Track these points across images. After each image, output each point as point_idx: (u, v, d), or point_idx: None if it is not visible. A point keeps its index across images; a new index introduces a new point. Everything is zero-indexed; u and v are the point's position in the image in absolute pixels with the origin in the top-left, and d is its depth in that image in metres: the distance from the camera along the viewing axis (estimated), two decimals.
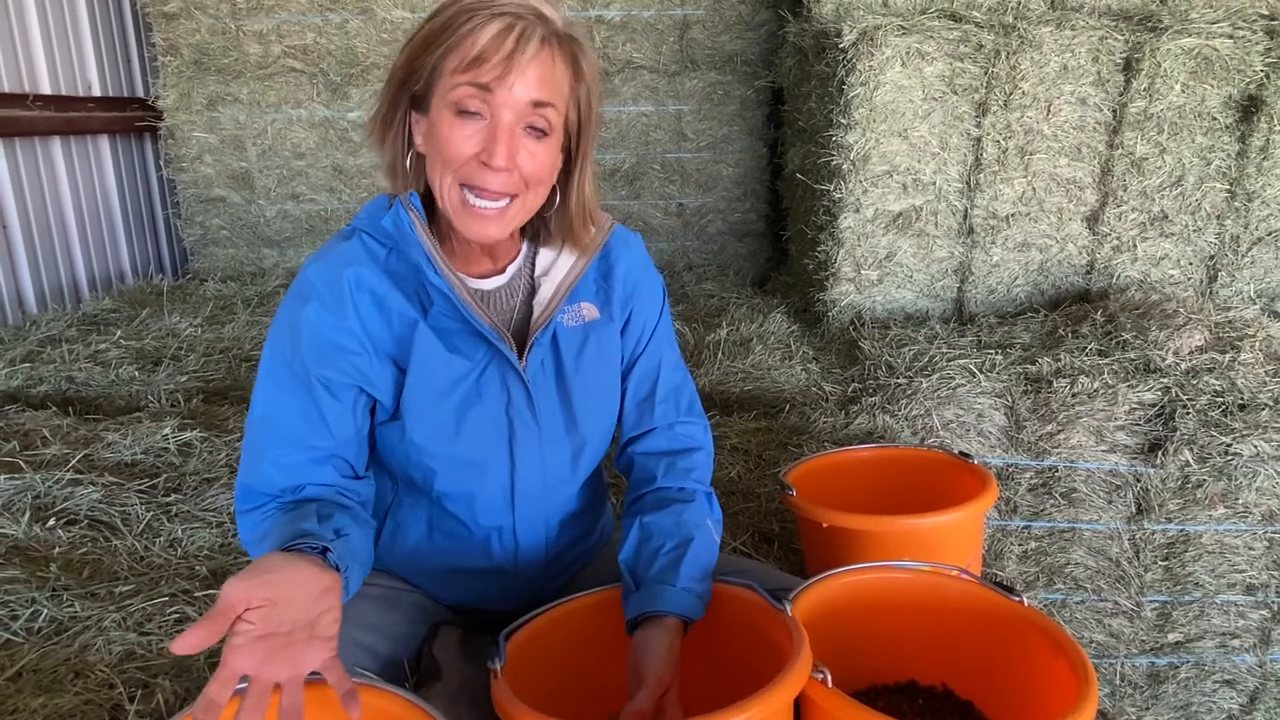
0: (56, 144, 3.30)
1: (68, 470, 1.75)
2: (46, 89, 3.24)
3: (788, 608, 0.96)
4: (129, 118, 3.66)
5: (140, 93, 3.84)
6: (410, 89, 0.96)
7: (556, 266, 1.07)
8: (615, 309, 1.11)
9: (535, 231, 1.09)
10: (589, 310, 1.09)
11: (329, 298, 0.98)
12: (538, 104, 0.92)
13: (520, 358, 1.03)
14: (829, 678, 0.88)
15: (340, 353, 0.98)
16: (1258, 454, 2.03)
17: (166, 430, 1.97)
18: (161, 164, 3.77)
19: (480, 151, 0.92)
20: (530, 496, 1.07)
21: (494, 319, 1.03)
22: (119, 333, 2.78)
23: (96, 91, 3.54)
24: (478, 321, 1.00)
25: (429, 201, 1.03)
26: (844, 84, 2.54)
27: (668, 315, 1.18)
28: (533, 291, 1.07)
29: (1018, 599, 1.02)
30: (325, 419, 0.97)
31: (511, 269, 1.07)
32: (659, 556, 1.02)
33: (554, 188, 1.02)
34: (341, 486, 0.99)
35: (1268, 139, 2.53)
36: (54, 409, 2.14)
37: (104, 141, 3.59)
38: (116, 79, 3.69)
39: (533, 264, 1.09)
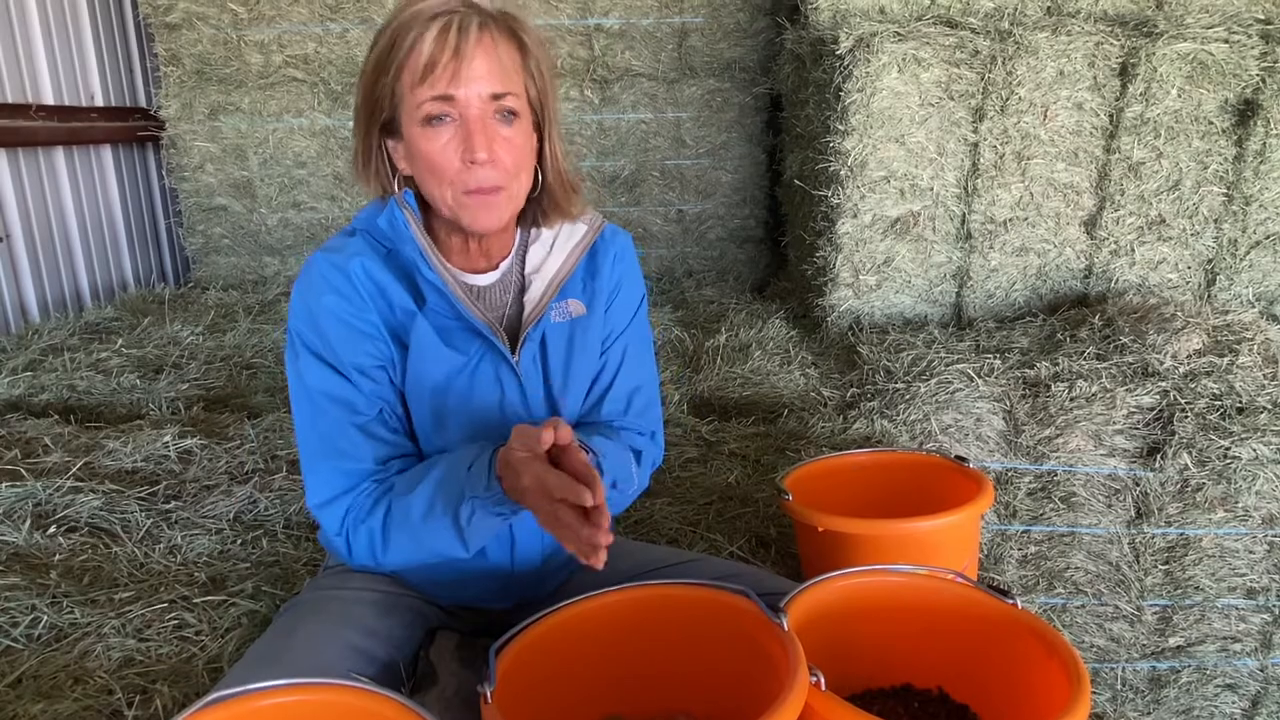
0: (59, 154, 3.32)
1: (68, 478, 1.76)
2: (49, 99, 3.26)
3: (784, 621, 0.95)
4: (131, 127, 3.68)
5: (142, 102, 3.86)
6: (379, 120, 1.00)
7: (547, 264, 1.10)
8: (598, 305, 1.13)
9: (528, 224, 1.12)
10: (576, 306, 1.12)
11: (344, 288, 1.01)
12: (496, 95, 0.96)
13: (513, 353, 1.05)
14: (823, 681, 0.88)
15: (363, 338, 1.02)
16: (1256, 457, 2.03)
17: (167, 438, 1.97)
18: (164, 173, 3.78)
19: (463, 152, 0.95)
20: None
21: (487, 314, 1.05)
22: (120, 341, 2.79)
23: (99, 101, 3.56)
24: (472, 317, 1.02)
25: (422, 202, 1.05)
26: (841, 90, 2.55)
27: (642, 319, 1.20)
28: (523, 288, 1.09)
29: (1011, 601, 1.02)
30: (373, 400, 1.03)
31: (504, 265, 1.10)
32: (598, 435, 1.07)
33: (536, 170, 1.05)
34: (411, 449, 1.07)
35: (1264, 143, 2.54)
36: (56, 417, 2.15)
37: (106, 151, 3.61)
38: (119, 89, 3.71)
39: (523, 261, 1.11)
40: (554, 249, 1.11)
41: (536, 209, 1.10)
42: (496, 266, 1.09)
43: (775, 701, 0.80)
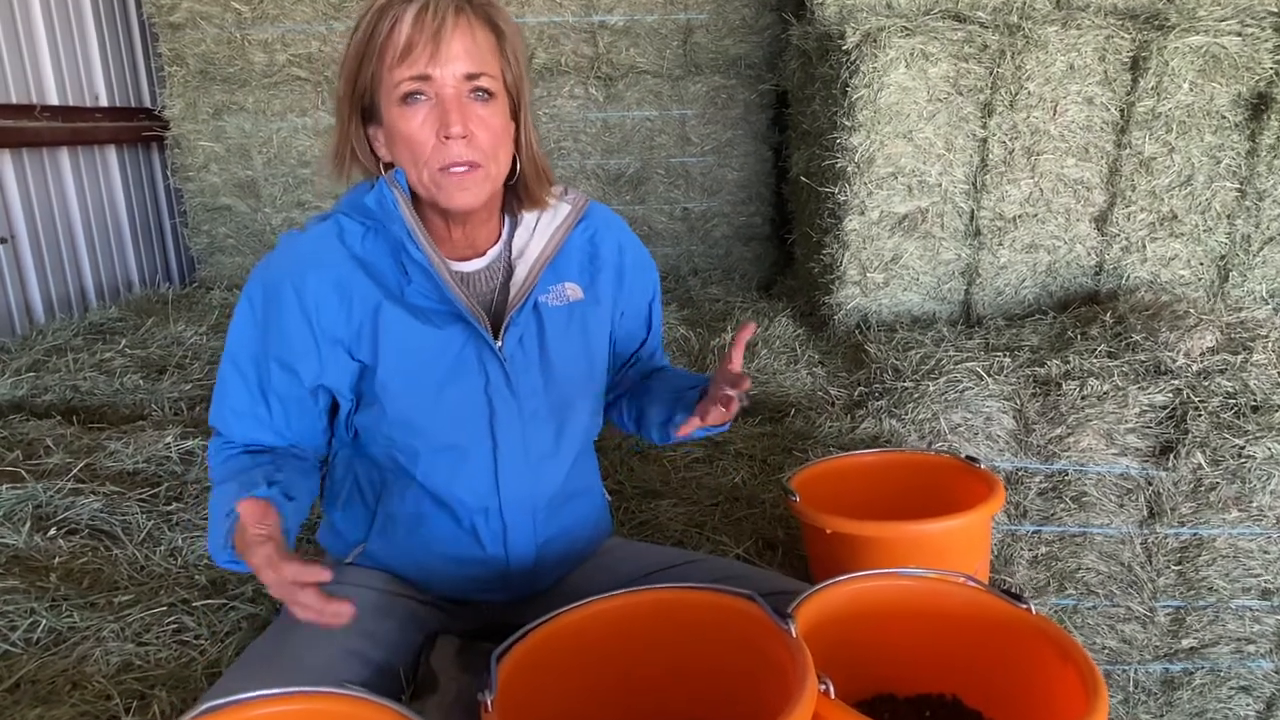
0: (64, 154, 3.31)
1: (69, 479, 1.75)
2: (54, 99, 3.26)
3: (792, 628, 0.92)
4: (136, 127, 3.68)
5: (147, 103, 3.86)
6: (360, 104, 1.01)
7: (530, 247, 1.10)
8: (601, 289, 1.14)
9: (512, 212, 1.12)
10: (573, 290, 1.12)
11: (290, 288, 1.02)
12: (471, 75, 0.97)
13: (497, 338, 1.04)
14: (832, 689, 0.86)
15: (297, 340, 1.02)
16: (1271, 456, 2.00)
17: (169, 439, 1.96)
18: (168, 173, 3.78)
19: (439, 128, 0.96)
20: (514, 476, 1.08)
21: (471, 300, 1.05)
22: (124, 341, 2.79)
23: (103, 102, 3.55)
24: (454, 300, 1.02)
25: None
26: (847, 86, 2.53)
27: (659, 291, 1.24)
28: (510, 274, 1.10)
29: (1025, 606, 1.00)
30: (271, 401, 1.05)
31: (491, 253, 1.10)
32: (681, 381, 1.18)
33: (514, 158, 1.06)
34: (292, 447, 1.09)
35: (1278, 137, 2.50)
36: (58, 418, 2.14)
37: (111, 151, 3.60)
38: (123, 89, 3.71)
39: (510, 248, 1.11)
40: (536, 231, 1.11)
41: (513, 196, 1.11)
42: (483, 254, 1.10)
43: (783, 711, 0.78)
